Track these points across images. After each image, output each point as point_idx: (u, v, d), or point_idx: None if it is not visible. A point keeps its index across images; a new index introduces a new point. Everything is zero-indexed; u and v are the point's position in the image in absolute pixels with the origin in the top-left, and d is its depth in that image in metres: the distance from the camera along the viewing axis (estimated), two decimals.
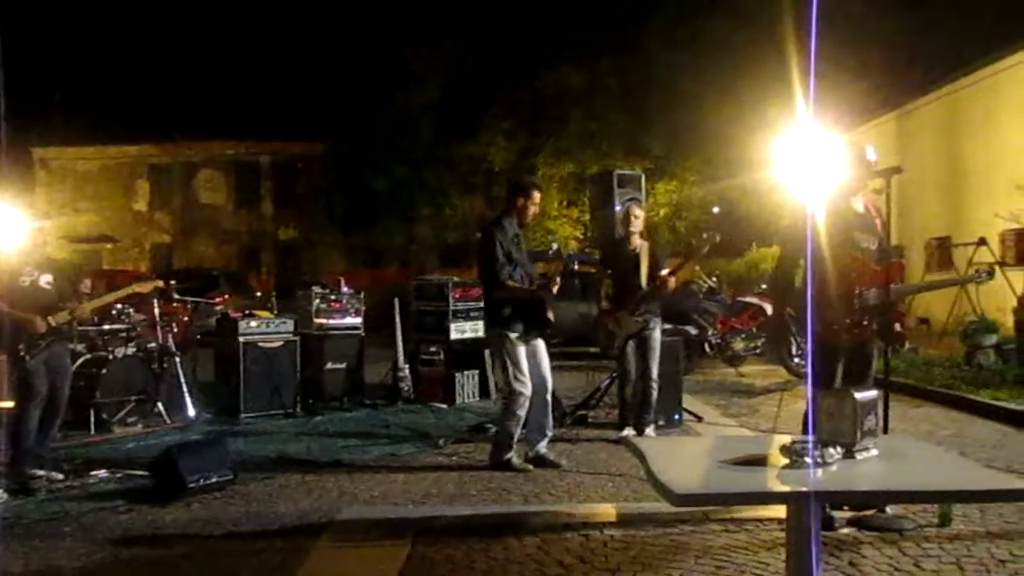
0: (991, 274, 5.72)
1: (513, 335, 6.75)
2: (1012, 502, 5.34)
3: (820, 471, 3.09)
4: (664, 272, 7.95)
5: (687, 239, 25.84)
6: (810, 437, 3.33)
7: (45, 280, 6.64)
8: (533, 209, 7.07)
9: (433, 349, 10.94)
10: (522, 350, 6.77)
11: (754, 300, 14.47)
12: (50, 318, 6.51)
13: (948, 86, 20.29)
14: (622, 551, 4.84)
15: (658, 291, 7.91)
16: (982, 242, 14.91)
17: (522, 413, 6.76)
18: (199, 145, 37.90)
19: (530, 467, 6.79)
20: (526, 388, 6.73)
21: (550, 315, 6.90)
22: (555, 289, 7.03)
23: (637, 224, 8.15)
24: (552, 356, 7.25)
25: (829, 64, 21.28)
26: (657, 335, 8.00)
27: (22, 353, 6.36)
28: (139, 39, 40.28)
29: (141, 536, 5.18)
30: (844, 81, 22.01)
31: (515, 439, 6.84)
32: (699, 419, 9.09)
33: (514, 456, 6.82)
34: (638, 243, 8.08)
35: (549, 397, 7.01)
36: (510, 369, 6.77)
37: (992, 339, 11.78)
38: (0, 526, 5.31)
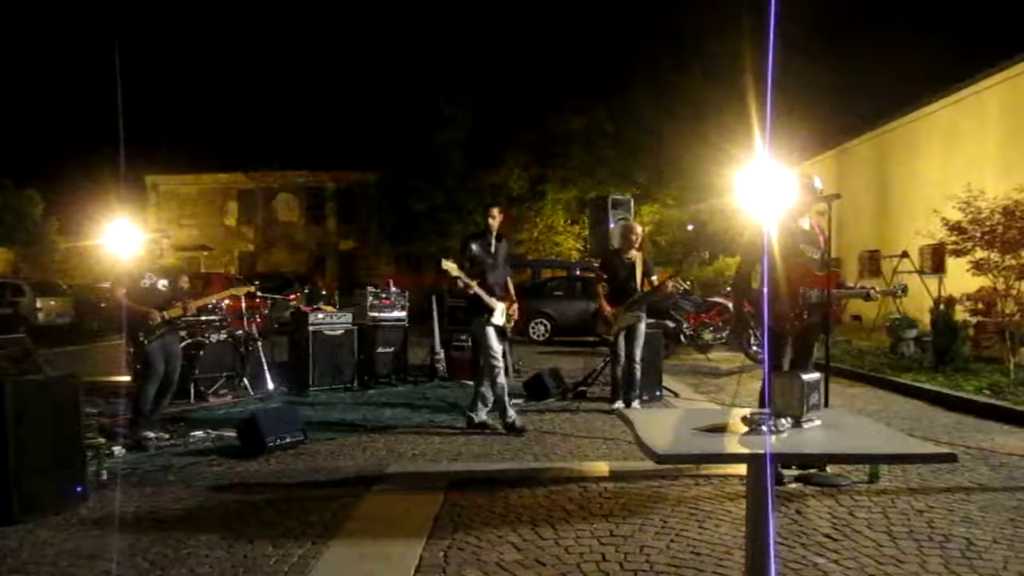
0: (905, 290, 5.71)
1: (485, 322, 6.80)
2: (927, 463, 5.33)
3: (774, 437, 3.07)
4: (655, 278, 7.97)
5: (667, 251, 25.84)
6: (766, 410, 3.31)
7: (161, 284, 6.69)
8: (492, 222, 6.99)
9: (463, 337, 10.93)
10: (493, 334, 6.81)
11: (720, 300, 14.41)
12: (165, 312, 6.56)
13: (877, 129, 20.21)
14: (613, 499, 4.83)
15: (654, 293, 7.87)
16: (904, 255, 14.82)
17: (502, 380, 6.81)
18: (277, 174, 38.14)
19: (499, 427, 6.84)
20: (499, 364, 6.82)
21: (502, 311, 6.90)
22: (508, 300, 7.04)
23: (636, 239, 8.00)
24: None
25: (781, 111, 21.27)
26: (642, 327, 7.95)
27: (141, 339, 6.42)
28: (229, 89, 40.72)
29: (230, 484, 5.20)
30: (793, 125, 21.95)
31: (488, 401, 6.93)
32: (676, 395, 9.06)
33: (485, 413, 6.94)
34: (634, 254, 7.96)
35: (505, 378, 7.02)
36: (484, 349, 6.84)
37: (912, 333, 11.72)
38: (120, 475, 5.35)
